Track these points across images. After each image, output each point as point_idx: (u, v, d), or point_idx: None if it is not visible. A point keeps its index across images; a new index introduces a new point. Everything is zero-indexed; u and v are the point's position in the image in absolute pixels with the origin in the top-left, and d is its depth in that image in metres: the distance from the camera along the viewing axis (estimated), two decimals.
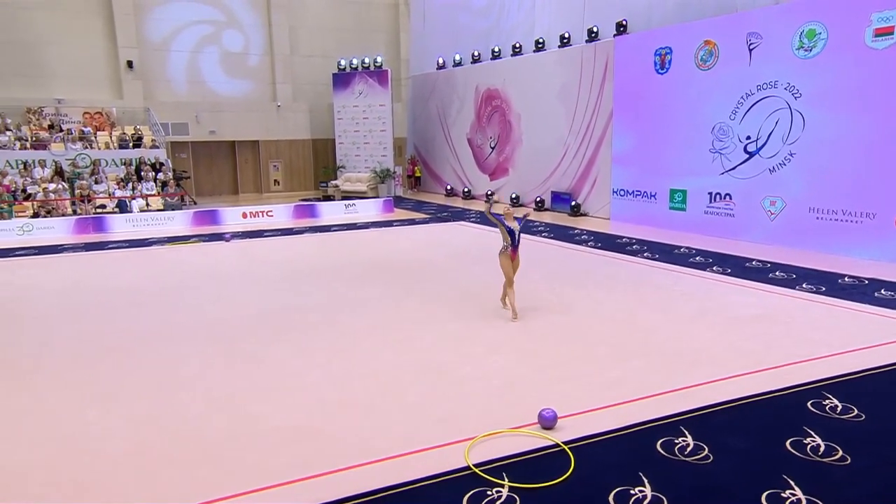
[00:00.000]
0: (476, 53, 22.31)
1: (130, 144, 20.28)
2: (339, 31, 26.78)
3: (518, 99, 20.36)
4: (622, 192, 16.61)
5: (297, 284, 9.89)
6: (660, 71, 15.23)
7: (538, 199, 19.20)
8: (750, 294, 8.96)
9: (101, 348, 6.99)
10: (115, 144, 20.20)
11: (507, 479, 4.21)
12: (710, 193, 14.24)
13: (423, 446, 4.63)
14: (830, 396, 5.49)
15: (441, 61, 24.24)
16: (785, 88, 12.52)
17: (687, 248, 12.60)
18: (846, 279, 9.73)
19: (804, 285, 9.40)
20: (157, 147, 20.48)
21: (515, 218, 7.89)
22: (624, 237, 14.00)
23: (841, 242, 11.75)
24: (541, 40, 19.39)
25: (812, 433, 4.84)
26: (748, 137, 13.32)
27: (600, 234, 14.44)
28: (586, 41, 17.62)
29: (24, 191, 16.85)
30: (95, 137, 20.61)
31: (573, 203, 17.97)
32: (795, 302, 8.51)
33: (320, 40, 26.51)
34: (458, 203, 21.79)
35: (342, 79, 24.73)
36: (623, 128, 16.38)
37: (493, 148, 21.84)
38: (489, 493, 4.08)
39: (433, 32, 25.12)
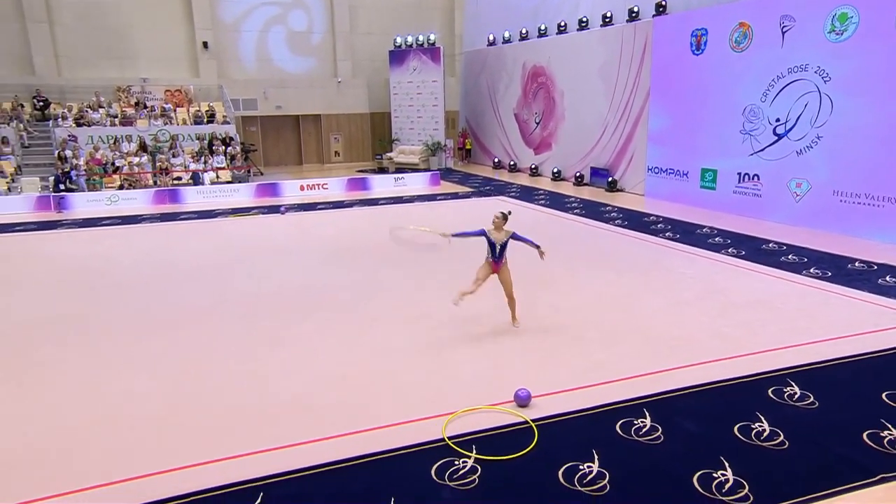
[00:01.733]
0: (524, 31, 22.11)
1: (205, 120, 21.30)
2: (396, 8, 26.92)
3: (562, 76, 20.16)
4: (656, 170, 16.42)
5: (338, 261, 10.49)
6: (695, 52, 14.85)
7: (578, 173, 19.15)
8: (754, 278, 8.97)
9: (158, 319, 7.78)
10: (191, 120, 21.27)
11: (474, 452, 4.66)
12: (739, 174, 13.96)
13: (408, 419, 5.13)
14: (793, 384, 5.66)
15: (492, 38, 24.13)
16: (815, 72, 12.08)
17: (710, 228, 12.51)
18: (856, 264, 9.56)
19: (812, 270, 9.32)
20: (228, 123, 21.43)
21: (514, 235, 7.11)
22: (652, 215, 13.97)
23: (863, 225, 11.44)
24: (584, 19, 19.06)
25: (762, 419, 5.07)
26: (777, 120, 12.95)
27: (630, 212, 14.43)
28: (627, 21, 17.26)
29: (112, 164, 18.09)
30: (175, 113, 21.73)
31: (610, 179, 17.88)
32: (795, 288, 8.49)
33: (378, 18, 26.74)
34: (504, 176, 21.94)
35: (398, 55, 24.98)
36: (659, 107, 16.11)
37: (537, 123, 21.78)
38: (456, 462, 4.55)
39: (485, 10, 24.94)
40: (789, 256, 10.16)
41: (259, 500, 4.11)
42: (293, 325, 7.44)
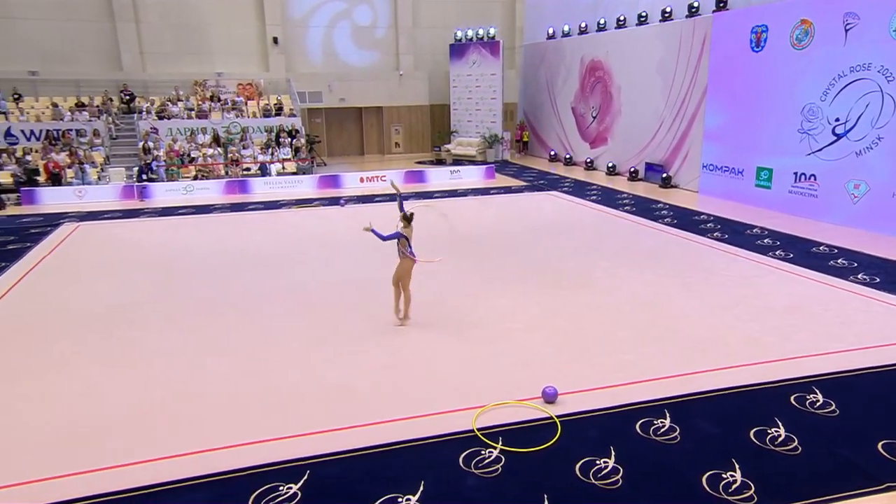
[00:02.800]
0: (583, 25, 21.97)
1: (273, 113, 22.25)
2: (458, 2, 27.13)
3: (619, 71, 19.98)
4: (711, 167, 16.17)
5: (388, 255, 10.96)
6: (755, 49, 14.50)
7: (632, 168, 19.02)
8: (796, 283, 8.92)
9: (226, 304, 8.47)
10: (261, 113, 22.27)
11: (500, 443, 5.05)
12: (796, 173, 13.64)
13: (441, 410, 5.56)
14: (817, 392, 5.76)
15: (551, 31, 24.06)
16: (878, 71, 11.67)
17: (760, 228, 12.35)
18: None
19: (859, 275, 9.17)
20: (294, 115, 22.31)
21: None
22: (703, 214, 13.84)
23: None
24: (643, 14, 18.81)
25: (779, 424, 5.23)
26: (837, 119, 12.57)
27: (681, 210, 14.34)
28: (686, 16, 16.95)
29: (189, 155, 19.24)
30: (246, 106, 22.79)
31: (665, 175, 17.69)
32: (838, 294, 8.41)
33: (441, 12, 27.03)
34: (559, 169, 21.98)
35: (458, 49, 25.24)
36: (716, 104, 15.83)
37: (594, 117, 21.67)
38: (483, 452, 4.95)
39: (546, 3, 24.85)
40: (839, 260, 9.98)
41: (305, 477, 4.63)
42: (345, 315, 7.98)
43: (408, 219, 7.50)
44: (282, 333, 7.45)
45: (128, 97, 22.17)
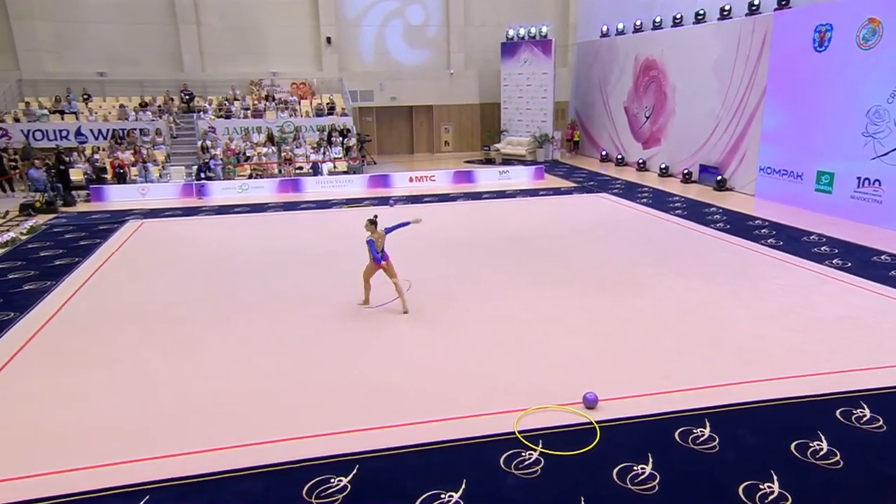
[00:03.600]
0: (638, 23, 21.78)
1: (325, 112, 22.91)
2: None
3: (674, 70, 19.75)
4: (769, 170, 15.87)
5: (437, 255, 11.31)
6: (818, 48, 14.17)
7: (686, 170, 18.80)
8: (852, 293, 8.79)
9: (274, 303, 8.94)
10: (313, 112, 22.96)
11: (540, 446, 5.28)
12: (859, 178, 13.29)
13: (485, 412, 5.82)
14: (864, 407, 5.76)
15: (605, 29, 23.92)
16: None
17: (818, 235, 12.12)
18: None
19: None
20: (346, 115, 22.90)
21: (387, 229, 8.29)
22: (758, 219, 13.64)
23: None
24: (701, 12, 18.54)
25: (822, 438, 5.28)
26: None
27: (735, 215, 14.15)
28: (746, 14, 16.65)
29: (244, 154, 20.05)
30: (299, 105, 23.53)
31: (719, 178, 17.44)
32: (895, 305, 8.27)
33: (493, 10, 27.18)
34: (610, 170, 21.88)
35: (509, 48, 25.37)
36: (775, 105, 15.52)
37: (647, 118, 21.48)
38: (523, 454, 5.19)
39: (600, 0, 24.70)
40: None
41: (355, 471, 4.97)
42: (392, 315, 8.32)
43: (373, 222, 8.13)
44: (330, 331, 7.85)
45: (187, 97, 23.22)
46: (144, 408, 6.00)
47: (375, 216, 8.28)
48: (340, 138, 21.44)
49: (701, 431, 5.44)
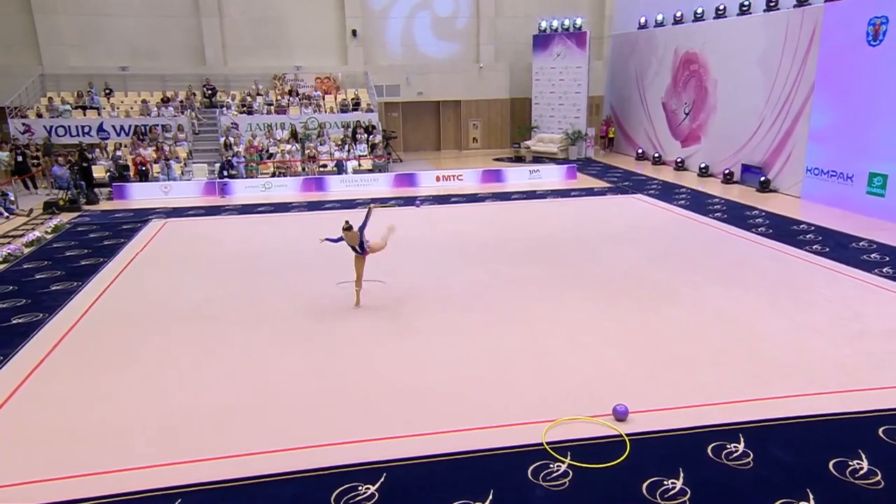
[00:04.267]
0: (678, 14, 21.72)
1: (350, 108, 23.29)
2: None
3: (716, 64, 19.68)
4: (816, 171, 15.76)
5: (464, 259, 11.53)
6: (872, 42, 14.06)
7: (727, 170, 18.73)
8: None
9: (301, 305, 9.25)
10: (338, 108, 23.36)
11: (569, 458, 5.47)
12: None
13: (512, 422, 6.02)
14: None
15: (643, 21, 23.90)
16: None
17: (869, 241, 12.05)
18: None
19: None
20: (371, 111, 23.25)
21: (361, 229, 8.93)
22: (803, 223, 13.59)
23: None
24: (746, 3, 18.46)
25: (862, 457, 5.37)
26: None
27: (779, 218, 14.11)
28: (794, 6, 16.55)
29: (267, 151, 20.52)
30: (323, 100, 23.97)
31: (763, 178, 17.35)
32: None
33: (525, 0, 27.28)
34: (647, 169, 21.87)
35: (542, 40, 25.49)
36: (824, 102, 15.41)
37: (686, 114, 21.42)
38: (551, 466, 5.38)
39: None
40: None
41: (382, 479, 5.22)
42: (418, 320, 8.59)
43: (345, 228, 8.87)
44: (357, 335, 8.13)
45: (210, 91, 23.81)
46: (175, 411, 6.33)
47: (347, 222, 8.91)
48: (365, 135, 21.79)
49: (734, 447, 5.57)
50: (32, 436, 5.94)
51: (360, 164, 20.62)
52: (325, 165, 20.46)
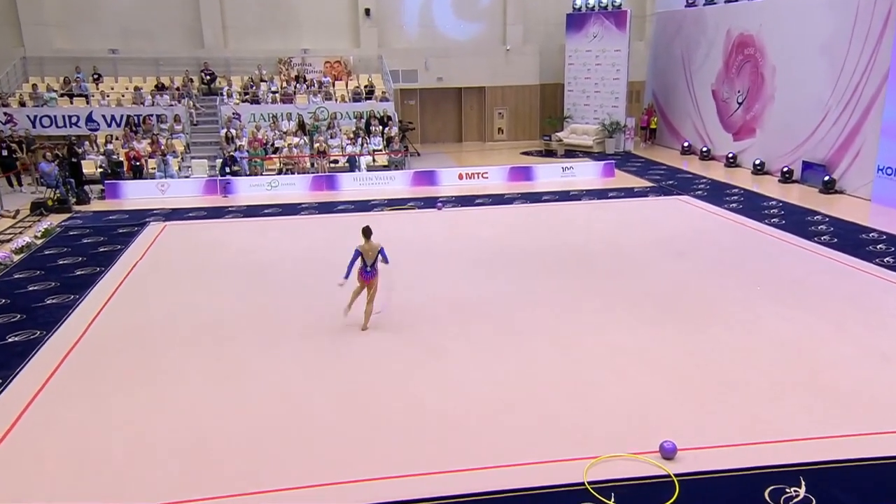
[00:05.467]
0: None
1: (363, 96, 23.61)
2: None
3: (775, 49, 19.71)
4: (889, 171, 15.79)
5: (491, 270, 11.75)
6: None
7: (785, 168, 18.77)
8: None
9: (319, 322, 9.52)
10: (350, 96, 23.69)
11: (612, 500, 5.69)
12: None
13: (551, 458, 6.26)
14: None
15: None
16: None
17: None
18: None
19: None
20: (387, 100, 23.56)
21: (381, 250, 9.02)
22: (874, 231, 13.64)
23: None
24: None
25: None
26: None
27: (845, 225, 14.17)
28: None
29: (272, 144, 20.89)
30: (333, 87, 24.31)
31: (827, 178, 17.38)
32: None
33: None
34: (694, 165, 21.95)
35: (576, 20, 25.65)
36: None
37: (739, 103, 21.47)
38: None
39: None
40: None
41: None
42: (443, 340, 8.86)
43: (365, 233, 9.01)
44: (380, 355, 8.43)
45: (209, 77, 24.24)
46: (190, 440, 6.65)
47: (369, 227, 9.11)
48: (380, 127, 22.09)
49: (795, 491, 5.75)
50: (42, 464, 6.28)
51: (374, 160, 20.92)
52: (335, 161, 20.79)
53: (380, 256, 9.05)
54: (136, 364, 8.32)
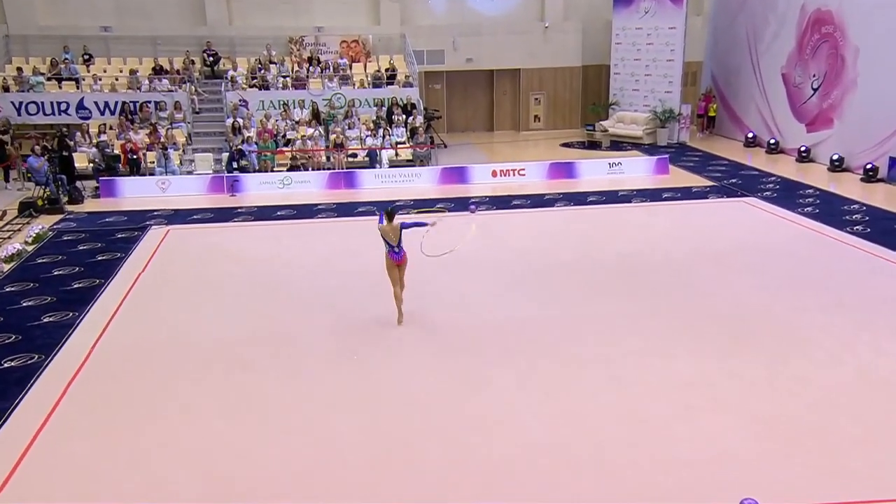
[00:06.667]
0: None
1: (384, 81, 23.68)
2: None
3: (858, 27, 19.54)
4: None
5: (533, 287, 11.74)
6: None
7: (869, 165, 18.58)
8: None
9: (345, 344, 9.60)
10: (369, 81, 23.75)
11: None
12: None
13: None
14: None
15: None
16: None
17: None
18: None
19: None
20: (410, 85, 23.61)
21: (403, 224, 9.85)
22: None
23: None
24: None
25: None
26: None
27: None
28: None
29: (283, 136, 21.03)
30: (351, 70, 24.41)
31: None
32: None
33: None
34: (759, 160, 21.80)
35: None
36: None
37: (815, 90, 21.30)
38: None
39: None
40: None
41: None
42: (482, 369, 8.91)
43: (388, 213, 9.85)
44: (416, 388, 8.49)
45: (212, 58, 24.43)
46: (208, 480, 6.77)
47: (393, 209, 10.05)
48: (403, 116, 22.15)
49: None
50: None
51: (396, 154, 20.99)
52: (354, 155, 20.87)
53: (404, 233, 9.80)
54: (146, 395, 8.44)
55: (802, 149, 21.26)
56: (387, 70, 24.31)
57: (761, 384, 8.47)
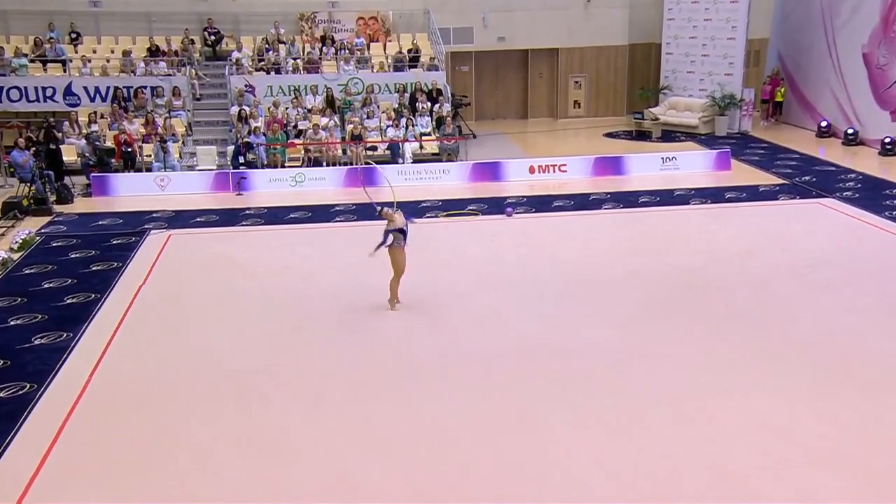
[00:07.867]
0: None
1: (406, 64, 23.52)
2: None
3: None
4: None
5: (583, 305, 11.53)
6: None
7: None
8: None
9: (378, 375, 9.48)
10: (390, 64, 23.60)
11: None
12: None
13: None
14: None
15: None
16: None
17: None
18: None
19: None
20: (436, 68, 23.44)
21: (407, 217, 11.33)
22: None
23: None
24: None
25: None
26: None
27: None
28: None
29: (295, 126, 20.92)
30: (369, 51, 24.29)
31: None
32: None
33: None
34: (835, 153, 21.52)
35: None
36: None
37: None
38: None
39: None
40: None
41: None
42: (536, 406, 8.71)
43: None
44: (456, 425, 8.33)
45: (213, 37, 24.39)
46: None
47: (396, 206, 11.37)
48: (428, 104, 21.97)
49: None
50: None
51: (421, 148, 20.83)
52: (374, 149, 20.72)
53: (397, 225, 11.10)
54: (151, 435, 8.28)
55: (887, 140, 20.90)
56: (409, 51, 24.17)
57: (861, 428, 8.16)
